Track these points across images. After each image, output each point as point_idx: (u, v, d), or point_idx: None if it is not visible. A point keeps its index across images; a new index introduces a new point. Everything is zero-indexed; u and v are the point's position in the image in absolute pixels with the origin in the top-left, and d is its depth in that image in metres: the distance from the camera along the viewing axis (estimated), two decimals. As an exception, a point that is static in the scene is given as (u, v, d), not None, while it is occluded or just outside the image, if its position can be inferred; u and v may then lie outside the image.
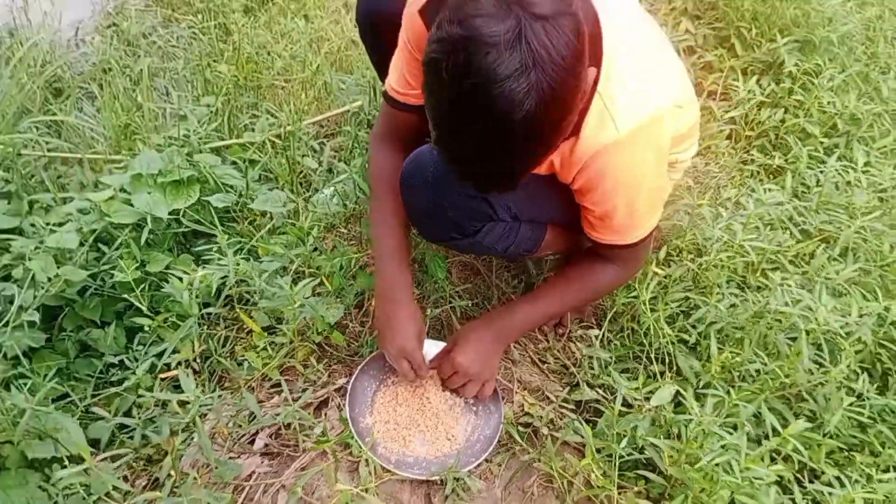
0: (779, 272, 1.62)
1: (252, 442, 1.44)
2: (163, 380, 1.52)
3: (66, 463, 1.41)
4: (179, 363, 1.51)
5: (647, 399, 1.34)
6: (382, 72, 1.57)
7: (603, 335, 1.57)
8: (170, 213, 1.75)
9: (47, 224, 1.79)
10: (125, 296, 1.66)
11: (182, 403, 1.41)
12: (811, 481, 1.33)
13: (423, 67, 0.99)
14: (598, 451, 1.33)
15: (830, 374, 1.37)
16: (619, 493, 1.31)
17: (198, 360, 1.55)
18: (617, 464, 1.29)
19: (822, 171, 1.93)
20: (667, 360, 1.49)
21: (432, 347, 1.50)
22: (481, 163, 1.03)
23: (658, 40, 1.36)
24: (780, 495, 1.28)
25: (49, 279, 1.64)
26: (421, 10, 1.26)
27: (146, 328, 1.59)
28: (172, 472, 1.32)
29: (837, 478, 1.29)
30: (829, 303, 1.43)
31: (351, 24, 2.70)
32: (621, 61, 1.16)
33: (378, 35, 1.51)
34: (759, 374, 1.43)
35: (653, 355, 1.47)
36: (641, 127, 1.18)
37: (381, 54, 1.54)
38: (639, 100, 1.18)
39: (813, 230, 1.80)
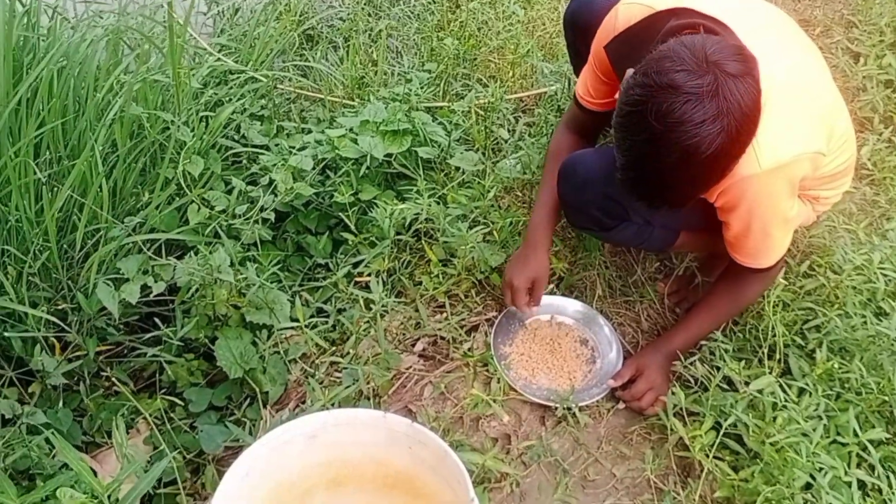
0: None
1: (414, 344, 1.79)
2: (356, 283, 1.91)
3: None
4: (371, 273, 1.89)
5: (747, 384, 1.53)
6: (577, 67, 1.84)
7: (727, 326, 1.75)
8: (385, 156, 2.11)
9: (290, 147, 2.24)
10: (339, 214, 2.08)
11: (367, 304, 1.79)
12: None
13: (622, 105, 1.21)
14: (694, 415, 1.55)
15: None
16: (707, 457, 1.53)
17: (384, 275, 1.92)
18: (706, 427, 1.50)
19: None
20: (781, 359, 1.66)
21: (559, 301, 1.83)
22: (662, 189, 1.26)
23: (818, 90, 1.48)
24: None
25: (285, 190, 2.07)
26: (606, 46, 1.51)
27: (349, 242, 1.99)
28: (352, 350, 1.71)
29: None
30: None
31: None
32: (771, 111, 1.30)
33: (577, 38, 1.76)
34: (864, 389, 1.56)
35: (766, 351, 1.64)
36: (779, 167, 1.35)
37: (577, 54, 1.81)
38: (783, 144, 1.35)
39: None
